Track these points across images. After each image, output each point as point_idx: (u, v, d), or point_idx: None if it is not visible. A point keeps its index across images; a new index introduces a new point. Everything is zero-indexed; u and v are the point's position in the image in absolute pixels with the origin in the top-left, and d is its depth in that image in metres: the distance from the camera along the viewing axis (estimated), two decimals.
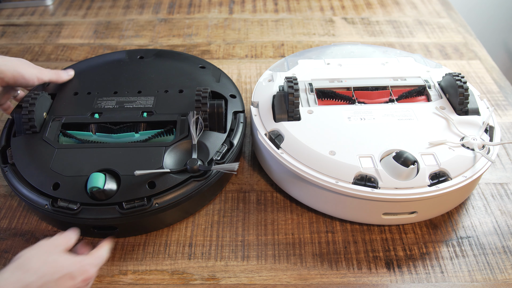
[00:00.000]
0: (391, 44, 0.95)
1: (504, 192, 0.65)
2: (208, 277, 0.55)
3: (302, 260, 0.56)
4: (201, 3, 1.09)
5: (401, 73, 0.70)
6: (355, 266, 0.56)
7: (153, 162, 0.58)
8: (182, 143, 0.60)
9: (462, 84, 0.63)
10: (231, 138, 0.63)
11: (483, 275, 0.55)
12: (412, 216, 0.58)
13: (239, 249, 0.58)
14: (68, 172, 0.57)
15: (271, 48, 0.94)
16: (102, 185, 0.54)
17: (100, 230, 0.57)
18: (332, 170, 0.56)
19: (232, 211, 0.62)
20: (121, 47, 0.94)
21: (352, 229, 0.60)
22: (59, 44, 0.95)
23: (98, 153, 0.59)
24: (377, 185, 0.55)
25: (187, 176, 0.57)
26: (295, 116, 0.62)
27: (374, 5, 1.09)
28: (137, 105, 0.66)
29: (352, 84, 0.68)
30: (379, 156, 0.57)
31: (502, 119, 0.77)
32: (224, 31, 0.99)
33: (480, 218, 0.61)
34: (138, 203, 0.55)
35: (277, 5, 1.08)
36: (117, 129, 0.63)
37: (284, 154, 0.59)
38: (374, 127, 0.61)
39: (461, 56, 0.92)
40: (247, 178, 0.67)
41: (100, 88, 0.69)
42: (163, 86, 0.69)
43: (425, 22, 1.03)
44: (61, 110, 0.65)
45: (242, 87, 0.83)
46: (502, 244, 0.58)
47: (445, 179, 0.56)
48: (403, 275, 0.55)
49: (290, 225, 0.60)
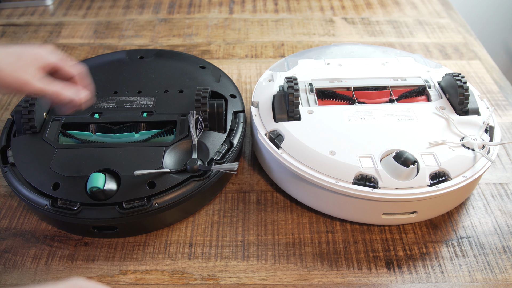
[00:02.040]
0: (391, 44, 0.95)
1: (504, 192, 0.65)
2: (208, 277, 0.55)
3: (302, 260, 0.56)
4: (201, 3, 1.09)
5: (401, 73, 0.70)
6: (355, 266, 0.56)
7: (153, 162, 0.58)
8: (182, 143, 0.60)
9: (462, 84, 0.63)
10: (231, 138, 0.63)
11: (483, 275, 0.55)
12: (412, 216, 0.58)
13: (239, 249, 0.58)
14: (68, 172, 0.57)
15: (271, 48, 0.94)
16: (102, 185, 0.54)
17: (100, 230, 0.57)
18: (332, 170, 0.56)
19: (232, 211, 0.62)
20: (121, 47, 0.94)
21: (352, 229, 0.60)
22: (59, 44, 0.95)
23: (98, 153, 0.59)
24: (377, 185, 0.55)
25: (187, 176, 0.57)
26: (295, 116, 0.62)
27: (374, 5, 1.09)
28: (137, 105, 0.66)
29: (352, 84, 0.68)
30: (379, 156, 0.57)
31: (502, 119, 0.77)
32: (224, 31, 0.99)
33: (480, 218, 0.61)
34: (138, 203, 0.55)
35: (277, 5, 1.08)
36: (117, 129, 0.63)
37: (284, 154, 0.59)
38: (374, 127, 0.61)
39: (461, 56, 0.92)
40: (247, 178, 0.67)
41: (100, 88, 0.69)
42: (163, 86, 0.69)
43: (425, 22, 1.03)
44: (61, 110, 0.65)
45: (242, 87, 0.83)
46: (502, 244, 0.58)
47: (445, 179, 0.56)
48: (403, 275, 0.55)
49: (290, 225, 0.60)
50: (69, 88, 0.52)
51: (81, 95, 0.52)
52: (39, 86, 0.50)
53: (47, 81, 0.51)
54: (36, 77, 0.50)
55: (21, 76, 0.49)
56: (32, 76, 0.50)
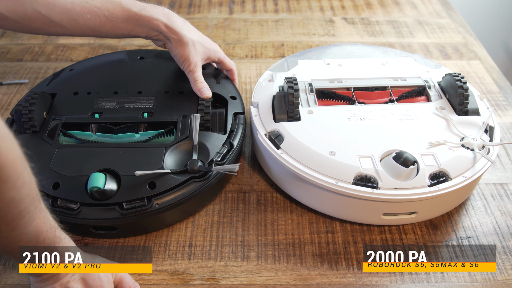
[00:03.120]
0: (391, 44, 0.95)
1: (504, 193, 0.65)
2: (208, 277, 0.55)
3: (302, 260, 0.56)
4: (201, 3, 1.09)
5: (401, 74, 0.70)
6: (355, 267, 0.56)
7: (153, 163, 0.58)
8: (183, 144, 0.60)
9: (462, 84, 0.63)
10: (231, 139, 0.63)
11: (483, 276, 0.55)
12: (412, 217, 0.58)
13: (239, 249, 0.58)
14: (68, 172, 0.57)
15: (271, 48, 0.94)
16: (103, 185, 0.54)
17: (99, 230, 0.57)
18: (332, 170, 0.56)
19: (232, 212, 0.62)
20: (121, 47, 0.94)
21: (352, 229, 0.60)
22: (59, 44, 0.95)
23: (98, 153, 0.59)
24: (377, 186, 0.55)
25: (188, 176, 0.57)
26: (295, 117, 0.62)
27: (374, 5, 1.09)
28: (138, 106, 0.66)
29: (352, 85, 0.68)
30: (379, 156, 0.57)
31: (502, 119, 0.77)
32: (224, 31, 0.99)
33: (480, 219, 0.61)
34: (138, 204, 0.55)
35: (277, 5, 1.08)
36: (117, 129, 0.63)
37: (284, 154, 0.59)
38: (374, 127, 0.61)
39: (461, 56, 0.92)
40: (247, 178, 0.67)
41: (100, 88, 0.69)
42: (164, 87, 0.69)
43: (425, 22, 1.03)
44: (61, 109, 0.65)
45: (242, 87, 0.83)
46: (502, 244, 0.58)
47: (445, 179, 0.56)
48: (403, 275, 0.55)
49: (290, 225, 0.60)
50: (207, 88, 0.67)
51: (205, 95, 0.66)
52: (196, 72, 0.67)
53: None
54: (199, 65, 0.68)
55: (194, 58, 0.67)
56: (199, 62, 0.68)
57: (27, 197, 0.38)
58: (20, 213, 0.38)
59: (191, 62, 0.67)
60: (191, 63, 0.67)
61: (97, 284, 0.48)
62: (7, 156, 0.34)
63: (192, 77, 0.67)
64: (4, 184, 0.35)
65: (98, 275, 0.49)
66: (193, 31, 0.68)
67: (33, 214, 0.40)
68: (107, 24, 0.63)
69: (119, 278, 0.51)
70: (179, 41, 0.66)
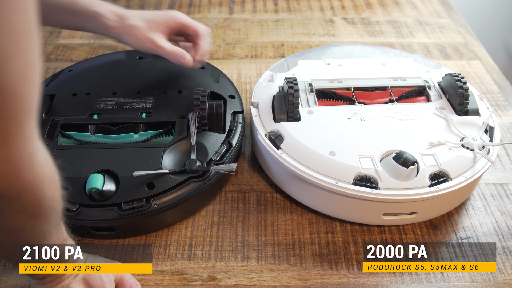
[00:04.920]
0: (391, 44, 0.95)
1: (504, 193, 0.65)
2: (208, 277, 0.54)
3: (302, 260, 0.56)
4: (201, 3, 1.09)
5: (401, 74, 0.70)
6: (355, 267, 0.56)
7: (152, 163, 0.57)
8: (181, 144, 0.60)
9: (462, 84, 0.63)
10: (230, 138, 0.63)
11: (483, 276, 0.55)
12: (412, 217, 0.58)
13: (239, 249, 0.57)
14: (66, 173, 0.56)
15: (271, 48, 0.94)
16: (101, 186, 0.54)
17: (98, 231, 0.57)
18: (332, 170, 0.56)
19: (232, 212, 0.62)
20: (121, 48, 0.94)
21: (352, 229, 0.60)
22: (59, 44, 0.95)
23: (97, 154, 0.59)
24: (377, 186, 0.55)
25: (186, 176, 0.57)
26: (295, 117, 0.62)
27: (374, 5, 1.09)
28: (136, 106, 0.66)
29: (352, 85, 0.68)
30: (379, 156, 0.57)
31: (502, 119, 0.77)
32: (224, 31, 0.99)
33: (480, 219, 0.61)
34: (137, 204, 0.55)
35: (277, 5, 1.08)
36: (116, 129, 0.63)
37: (284, 154, 0.59)
38: (374, 127, 0.61)
39: (461, 56, 0.92)
40: (247, 178, 0.67)
41: (99, 88, 0.69)
42: (162, 87, 0.69)
43: (425, 22, 1.03)
44: (59, 110, 0.65)
45: (242, 88, 0.83)
46: (502, 244, 0.58)
47: (445, 179, 0.56)
48: (403, 276, 0.55)
49: (290, 225, 0.60)
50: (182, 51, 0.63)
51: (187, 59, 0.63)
52: (161, 45, 0.62)
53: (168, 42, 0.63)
54: (162, 37, 0.63)
55: (150, 35, 0.62)
56: (160, 35, 0.63)
57: (54, 224, 0.42)
58: (45, 238, 0.41)
59: (150, 40, 0.62)
60: (151, 41, 0.62)
61: (98, 284, 0.48)
62: (52, 199, 0.38)
63: (162, 51, 0.62)
64: (40, 220, 0.38)
65: (99, 275, 0.49)
66: (138, 13, 0.64)
67: (53, 234, 0.43)
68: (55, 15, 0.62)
69: (120, 276, 0.52)
70: (129, 28, 0.62)
